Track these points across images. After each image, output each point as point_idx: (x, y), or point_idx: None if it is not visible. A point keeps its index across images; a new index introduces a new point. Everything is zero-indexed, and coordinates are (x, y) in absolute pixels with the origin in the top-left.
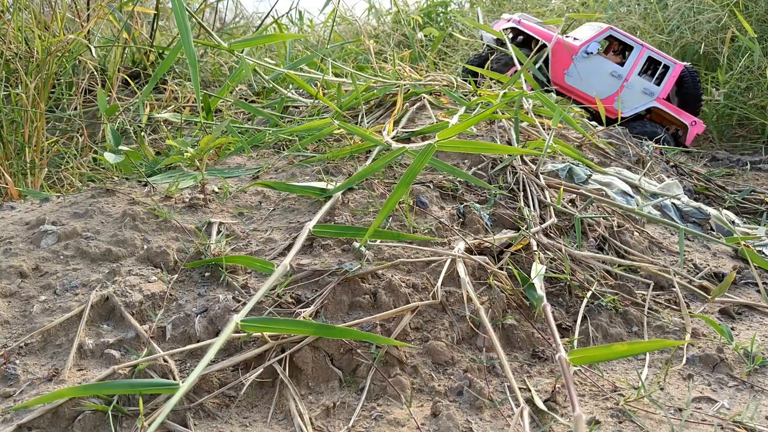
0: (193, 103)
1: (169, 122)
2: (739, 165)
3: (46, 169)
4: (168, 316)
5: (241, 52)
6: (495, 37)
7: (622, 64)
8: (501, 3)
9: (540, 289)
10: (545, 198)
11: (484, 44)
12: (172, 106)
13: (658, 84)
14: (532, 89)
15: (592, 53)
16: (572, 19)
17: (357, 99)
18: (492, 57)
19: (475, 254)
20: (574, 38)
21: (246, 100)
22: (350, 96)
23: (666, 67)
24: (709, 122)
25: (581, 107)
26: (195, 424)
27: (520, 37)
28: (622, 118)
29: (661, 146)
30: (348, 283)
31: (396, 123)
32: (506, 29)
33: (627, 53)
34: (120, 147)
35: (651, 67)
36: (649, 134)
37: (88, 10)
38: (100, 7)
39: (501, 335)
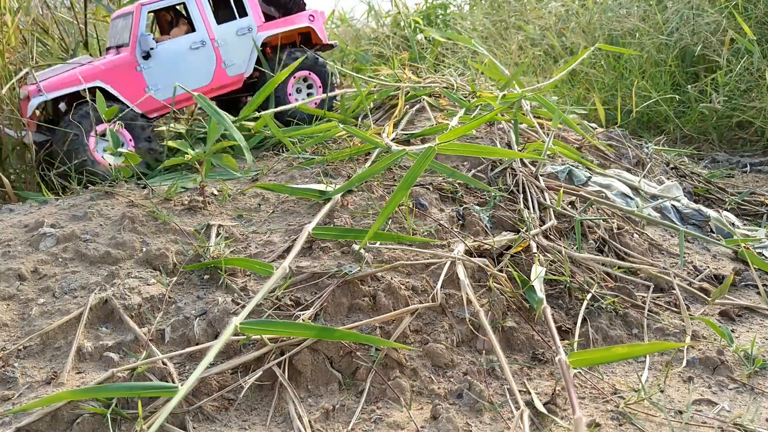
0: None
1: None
2: (739, 167)
3: (45, 172)
4: (167, 319)
5: None
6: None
7: (193, 29)
8: (500, 5)
9: (540, 291)
10: (545, 200)
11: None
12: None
13: (246, 14)
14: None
15: (152, 49)
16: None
17: (363, 104)
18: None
19: (474, 256)
20: (88, 62)
21: None
22: (355, 102)
23: None
24: (709, 124)
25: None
26: (194, 427)
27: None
28: (252, 77)
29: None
30: (347, 286)
31: (396, 125)
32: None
33: (184, 15)
34: (119, 149)
35: (224, 6)
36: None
37: (86, 13)
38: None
39: (501, 337)
